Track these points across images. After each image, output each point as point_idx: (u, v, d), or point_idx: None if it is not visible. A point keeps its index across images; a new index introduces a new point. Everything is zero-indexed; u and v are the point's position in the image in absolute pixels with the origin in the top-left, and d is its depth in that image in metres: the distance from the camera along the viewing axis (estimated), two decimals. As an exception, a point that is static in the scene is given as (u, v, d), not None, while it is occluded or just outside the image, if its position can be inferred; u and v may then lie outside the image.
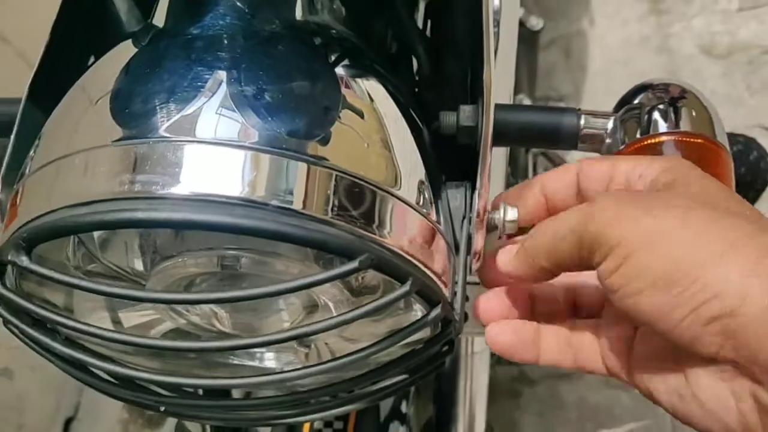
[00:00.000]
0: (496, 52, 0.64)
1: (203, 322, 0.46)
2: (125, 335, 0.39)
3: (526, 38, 1.38)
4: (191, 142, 0.37)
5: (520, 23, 1.14)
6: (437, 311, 0.39)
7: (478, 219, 0.42)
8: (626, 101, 0.52)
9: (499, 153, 0.80)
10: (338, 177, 0.38)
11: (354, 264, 0.35)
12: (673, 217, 0.35)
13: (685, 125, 0.50)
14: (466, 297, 0.43)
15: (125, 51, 0.43)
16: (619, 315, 0.40)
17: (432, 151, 0.45)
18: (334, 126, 0.40)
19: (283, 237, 0.36)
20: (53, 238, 0.37)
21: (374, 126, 0.42)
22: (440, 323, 0.41)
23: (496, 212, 0.43)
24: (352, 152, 0.40)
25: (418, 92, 0.55)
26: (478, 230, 0.42)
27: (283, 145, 0.38)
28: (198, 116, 0.38)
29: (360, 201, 0.38)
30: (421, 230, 0.40)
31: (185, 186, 0.36)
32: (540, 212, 0.44)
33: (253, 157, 0.37)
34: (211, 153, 0.37)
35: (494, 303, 0.44)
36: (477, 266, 0.44)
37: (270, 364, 0.49)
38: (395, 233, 0.39)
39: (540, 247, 0.39)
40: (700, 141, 0.48)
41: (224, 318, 0.46)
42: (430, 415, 0.86)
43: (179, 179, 0.36)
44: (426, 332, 0.43)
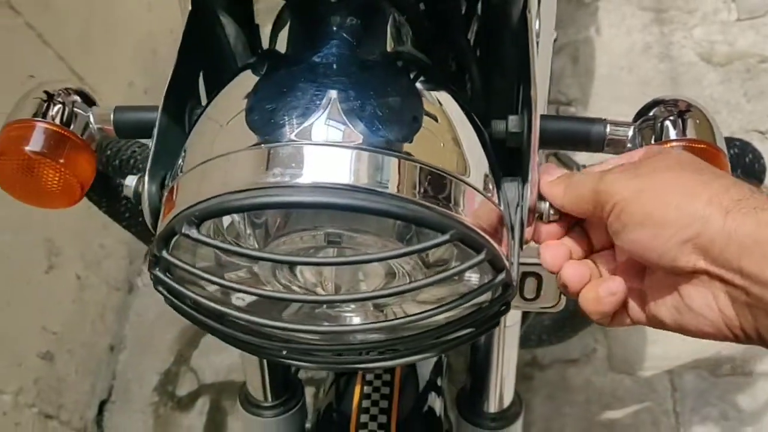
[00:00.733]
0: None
1: (308, 285, 0.58)
2: (275, 293, 0.50)
3: (540, 47, 1.48)
4: (311, 144, 0.49)
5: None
6: (502, 276, 0.51)
7: (529, 208, 0.54)
8: (643, 113, 0.63)
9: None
10: (421, 168, 0.50)
11: (446, 236, 0.47)
12: (654, 176, 0.49)
13: (691, 133, 0.61)
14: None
15: (248, 79, 0.55)
16: (629, 263, 0.53)
17: (492, 150, 0.56)
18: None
19: (391, 215, 0.47)
20: (220, 216, 0.49)
21: (446, 127, 0.54)
22: (501, 287, 0.53)
23: (543, 203, 0.55)
24: (431, 149, 0.52)
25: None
26: (529, 216, 0.54)
27: (380, 145, 0.49)
28: (316, 125, 0.49)
29: (439, 186, 0.50)
30: (488, 211, 0.52)
31: (308, 177, 0.48)
32: None
33: (357, 155, 0.49)
34: (326, 152, 0.49)
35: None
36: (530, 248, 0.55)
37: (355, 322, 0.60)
38: (467, 212, 0.50)
39: (570, 190, 0.53)
40: (704, 146, 0.60)
41: (328, 280, 0.57)
42: (463, 386, 0.97)
43: (301, 172, 0.48)
44: (487, 295, 0.54)
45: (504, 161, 0.58)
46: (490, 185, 0.54)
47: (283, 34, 0.59)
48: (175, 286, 0.52)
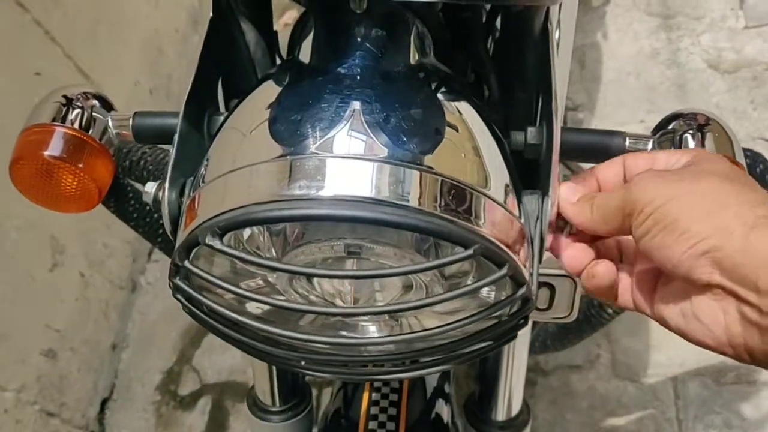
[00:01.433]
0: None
1: (326, 294, 0.58)
2: (292, 304, 0.50)
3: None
4: (335, 157, 0.49)
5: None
6: (523, 290, 0.51)
7: (549, 221, 0.54)
8: (662, 126, 0.63)
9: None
10: (443, 181, 0.50)
11: (470, 252, 0.47)
12: (683, 185, 0.48)
13: (710, 147, 0.61)
14: None
15: (271, 88, 0.55)
16: (646, 261, 0.53)
17: (512, 161, 0.56)
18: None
19: (416, 229, 0.47)
20: (244, 227, 0.49)
21: (466, 136, 0.54)
22: (521, 301, 0.53)
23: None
24: (452, 161, 0.51)
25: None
26: (549, 229, 0.54)
27: (402, 158, 0.49)
28: (339, 137, 0.49)
29: (460, 199, 0.50)
30: (509, 225, 0.52)
31: (330, 190, 0.48)
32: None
33: (380, 167, 0.49)
34: (349, 164, 0.49)
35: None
36: (546, 259, 0.55)
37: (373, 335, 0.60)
38: (489, 226, 0.50)
39: (597, 210, 0.53)
40: (723, 160, 0.59)
41: (345, 291, 0.57)
42: (471, 392, 0.97)
43: (324, 184, 0.48)
44: (505, 308, 0.54)
45: (521, 173, 0.58)
46: (511, 197, 0.53)
47: (306, 43, 0.59)
48: (195, 295, 0.52)
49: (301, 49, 0.60)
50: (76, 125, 0.62)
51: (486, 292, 0.56)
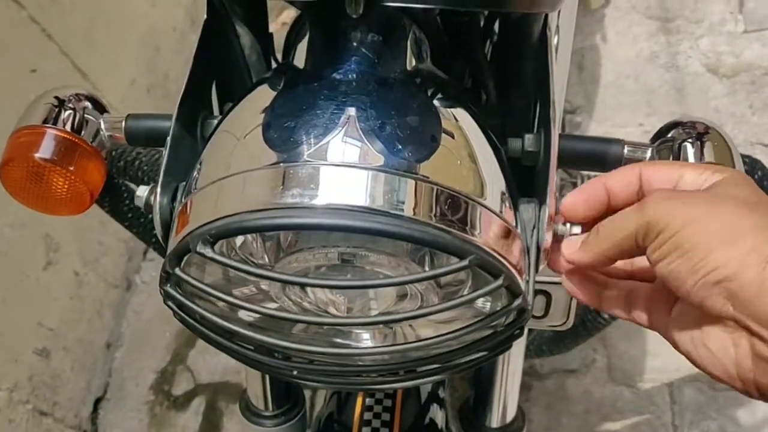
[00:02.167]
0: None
1: (319, 302, 0.57)
2: (285, 313, 0.49)
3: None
4: (329, 165, 0.48)
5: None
6: (519, 301, 0.50)
7: (547, 229, 0.53)
8: (661, 134, 0.62)
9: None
10: (438, 190, 0.49)
11: (465, 262, 0.46)
12: (703, 210, 0.46)
13: (710, 156, 0.60)
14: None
15: (265, 93, 0.54)
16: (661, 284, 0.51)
17: (509, 168, 0.55)
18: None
19: (411, 239, 0.46)
20: (235, 235, 0.48)
21: (463, 144, 0.53)
22: (517, 312, 0.52)
23: (562, 226, 0.54)
24: (448, 169, 0.51)
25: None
26: (546, 238, 0.53)
27: (396, 167, 0.48)
28: (333, 144, 0.48)
29: (456, 209, 0.49)
30: (506, 235, 0.51)
31: (324, 198, 0.47)
32: (601, 206, 0.54)
33: (374, 176, 0.48)
34: (342, 173, 0.48)
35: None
36: (542, 267, 0.54)
37: (366, 342, 0.59)
38: (485, 236, 0.49)
39: (606, 240, 0.50)
40: (722, 170, 0.59)
41: (339, 300, 0.56)
42: (466, 398, 0.96)
43: (318, 193, 0.47)
44: (501, 319, 0.53)
45: (517, 180, 0.57)
46: (507, 206, 0.53)
47: (301, 47, 0.58)
48: (187, 303, 0.51)
49: (296, 53, 0.59)
50: (68, 127, 0.61)
51: (481, 302, 0.56)
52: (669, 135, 0.62)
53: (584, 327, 0.98)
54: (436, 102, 0.54)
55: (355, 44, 0.54)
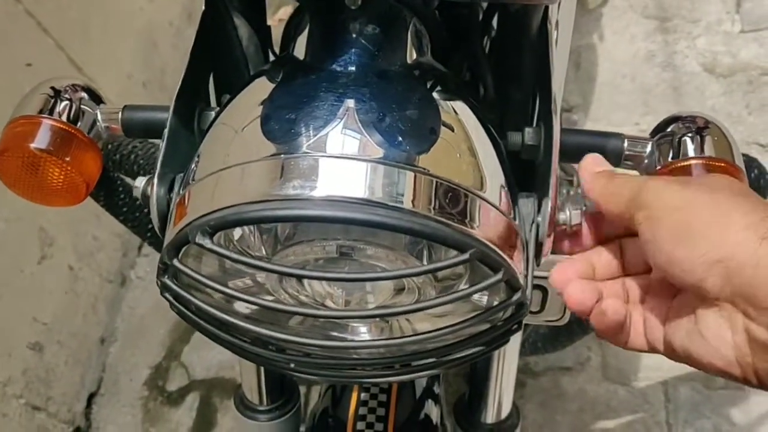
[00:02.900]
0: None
1: (315, 299, 0.57)
2: (282, 305, 0.49)
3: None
4: (328, 157, 0.47)
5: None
6: (518, 296, 0.50)
7: (549, 223, 0.53)
8: (660, 129, 0.62)
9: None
10: (438, 183, 0.48)
11: (465, 256, 0.46)
12: (698, 193, 0.48)
13: (709, 150, 0.60)
14: None
15: (264, 85, 0.54)
16: (656, 296, 0.52)
17: (508, 161, 0.55)
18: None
19: (410, 232, 0.46)
20: (234, 227, 0.48)
21: (462, 137, 0.53)
22: (515, 306, 0.52)
23: (562, 214, 0.54)
24: (447, 162, 0.50)
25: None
26: (547, 233, 0.53)
27: (396, 159, 0.48)
28: (332, 136, 0.48)
29: (455, 201, 0.49)
30: (505, 228, 0.51)
31: (323, 190, 0.46)
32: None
33: (373, 168, 0.48)
34: (343, 165, 0.47)
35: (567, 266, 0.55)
36: (542, 261, 0.54)
37: (363, 336, 0.59)
38: (484, 229, 0.49)
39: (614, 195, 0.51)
40: (723, 165, 0.59)
41: (336, 293, 0.56)
42: (461, 394, 0.96)
43: (317, 184, 0.47)
44: (499, 313, 0.53)
45: (516, 174, 0.57)
46: (506, 199, 0.52)
47: (300, 39, 0.57)
48: (184, 294, 0.50)
49: (296, 46, 0.59)
50: (64, 118, 0.61)
51: (479, 296, 0.55)
52: (669, 129, 0.62)
53: (579, 324, 0.98)
54: (436, 95, 0.54)
55: (355, 36, 0.54)
